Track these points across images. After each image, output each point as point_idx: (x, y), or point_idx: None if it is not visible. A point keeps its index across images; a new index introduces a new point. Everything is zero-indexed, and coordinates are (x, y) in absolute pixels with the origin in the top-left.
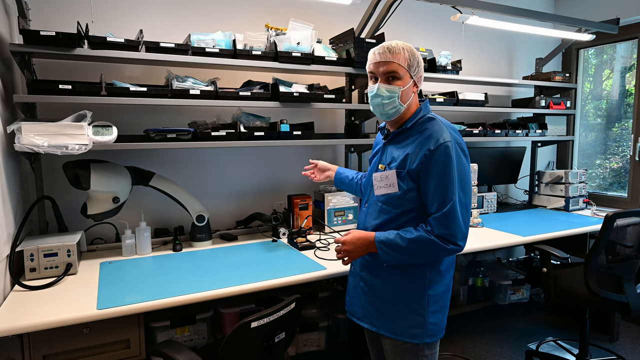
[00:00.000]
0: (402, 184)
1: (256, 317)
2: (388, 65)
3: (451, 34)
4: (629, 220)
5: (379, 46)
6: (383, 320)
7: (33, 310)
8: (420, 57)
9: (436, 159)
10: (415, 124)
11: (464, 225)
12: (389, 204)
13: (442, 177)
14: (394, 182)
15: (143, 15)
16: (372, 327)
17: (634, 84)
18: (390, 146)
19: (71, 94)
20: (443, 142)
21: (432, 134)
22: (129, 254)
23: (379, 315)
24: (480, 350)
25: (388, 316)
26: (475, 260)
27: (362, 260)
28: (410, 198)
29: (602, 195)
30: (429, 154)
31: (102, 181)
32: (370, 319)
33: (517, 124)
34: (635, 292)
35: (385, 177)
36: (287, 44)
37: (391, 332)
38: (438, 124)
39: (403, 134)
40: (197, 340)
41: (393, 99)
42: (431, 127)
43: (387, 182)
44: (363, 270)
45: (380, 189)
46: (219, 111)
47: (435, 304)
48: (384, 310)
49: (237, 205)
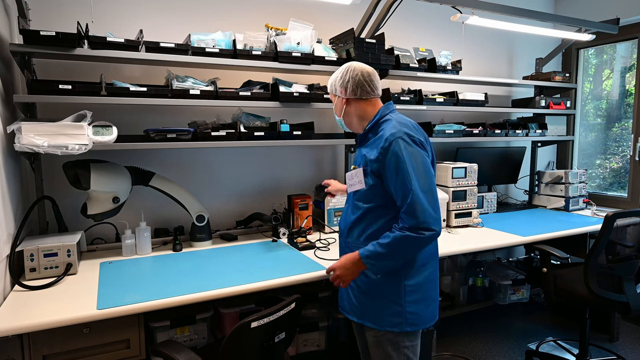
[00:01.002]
0: (368, 180)
1: (256, 317)
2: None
3: (451, 34)
4: (629, 220)
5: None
6: (366, 312)
7: (33, 310)
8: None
9: (389, 155)
10: (372, 127)
11: (433, 209)
12: (360, 199)
13: (397, 171)
14: (361, 179)
15: (143, 15)
16: (358, 319)
17: (634, 84)
18: (360, 148)
19: (71, 94)
20: (392, 138)
21: (384, 132)
22: (129, 254)
23: (362, 307)
24: (480, 350)
25: (370, 308)
26: (475, 260)
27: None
28: (376, 192)
29: (602, 195)
30: (383, 151)
31: (102, 181)
32: (356, 312)
33: (517, 124)
34: (635, 292)
35: (355, 175)
36: (287, 44)
37: (373, 322)
38: (391, 123)
39: (365, 136)
40: (197, 340)
41: (341, 120)
42: (385, 127)
43: (356, 180)
44: None
45: (352, 186)
46: (219, 111)
47: (414, 294)
48: (367, 303)
49: (237, 205)
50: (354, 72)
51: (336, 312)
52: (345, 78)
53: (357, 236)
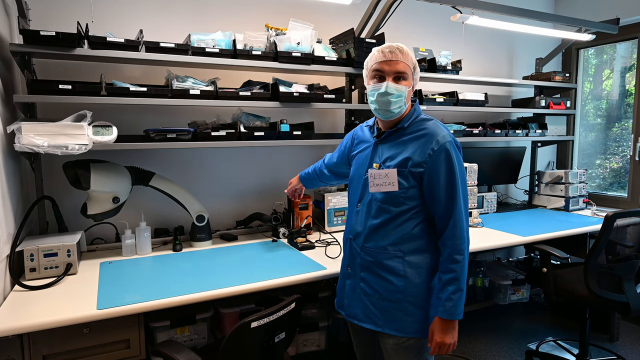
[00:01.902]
0: (404, 182)
1: (256, 317)
2: (398, 65)
3: (451, 34)
4: (629, 220)
5: (386, 45)
6: (387, 319)
7: (33, 310)
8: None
9: (440, 159)
10: (411, 124)
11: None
12: (388, 202)
13: (447, 180)
14: (394, 180)
15: (143, 15)
16: (376, 327)
17: (634, 84)
18: (383, 145)
19: (71, 94)
20: (444, 141)
21: (432, 133)
22: (129, 254)
23: (382, 314)
24: (480, 350)
25: (392, 314)
26: (475, 260)
27: (361, 262)
28: (410, 196)
29: (602, 195)
30: (433, 153)
31: (102, 181)
32: (374, 319)
33: (517, 124)
34: (635, 292)
35: (384, 175)
36: (287, 44)
37: (396, 329)
38: (435, 123)
39: (397, 133)
40: (197, 340)
41: (401, 99)
42: (430, 126)
43: (386, 181)
44: (363, 271)
45: (378, 186)
46: (219, 111)
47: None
48: (388, 309)
49: (237, 205)
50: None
51: (336, 312)
52: (415, 60)
53: (379, 241)
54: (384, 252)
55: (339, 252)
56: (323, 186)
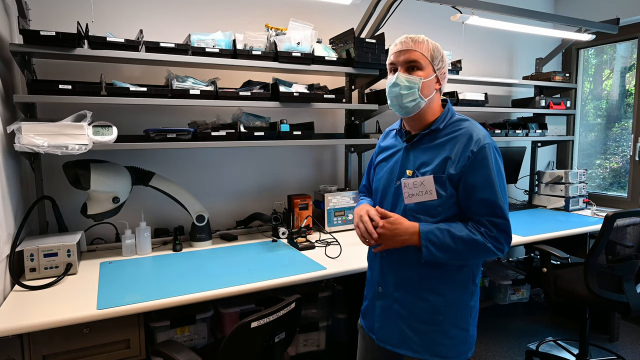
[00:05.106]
0: (442, 191)
1: (256, 317)
2: (410, 54)
3: (451, 34)
4: (629, 220)
5: (402, 37)
6: (426, 344)
7: (33, 310)
8: (446, 55)
9: (481, 161)
10: (446, 125)
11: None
12: (424, 213)
13: (489, 180)
14: (432, 189)
15: (143, 15)
16: (415, 353)
17: (634, 84)
18: (415, 150)
19: (71, 94)
20: (484, 142)
21: (471, 134)
22: (129, 254)
23: (420, 339)
24: (480, 350)
25: (432, 338)
26: None
27: (395, 280)
28: (449, 205)
29: (602, 195)
30: (472, 155)
31: (102, 181)
32: (411, 345)
33: (517, 124)
34: (635, 292)
35: (420, 184)
36: (287, 44)
37: (437, 354)
38: (473, 123)
39: (431, 135)
40: (197, 340)
41: (413, 90)
42: (467, 127)
43: (422, 189)
44: (398, 291)
45: (413, 197)
46: (219, 111)
47: (476, 315)
48: (427, 332)
49: (237, 205)
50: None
51: (336, 312)
52: (440, 51)
53: (410, 255)
54: (422, 268)
55: (339, 252)
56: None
